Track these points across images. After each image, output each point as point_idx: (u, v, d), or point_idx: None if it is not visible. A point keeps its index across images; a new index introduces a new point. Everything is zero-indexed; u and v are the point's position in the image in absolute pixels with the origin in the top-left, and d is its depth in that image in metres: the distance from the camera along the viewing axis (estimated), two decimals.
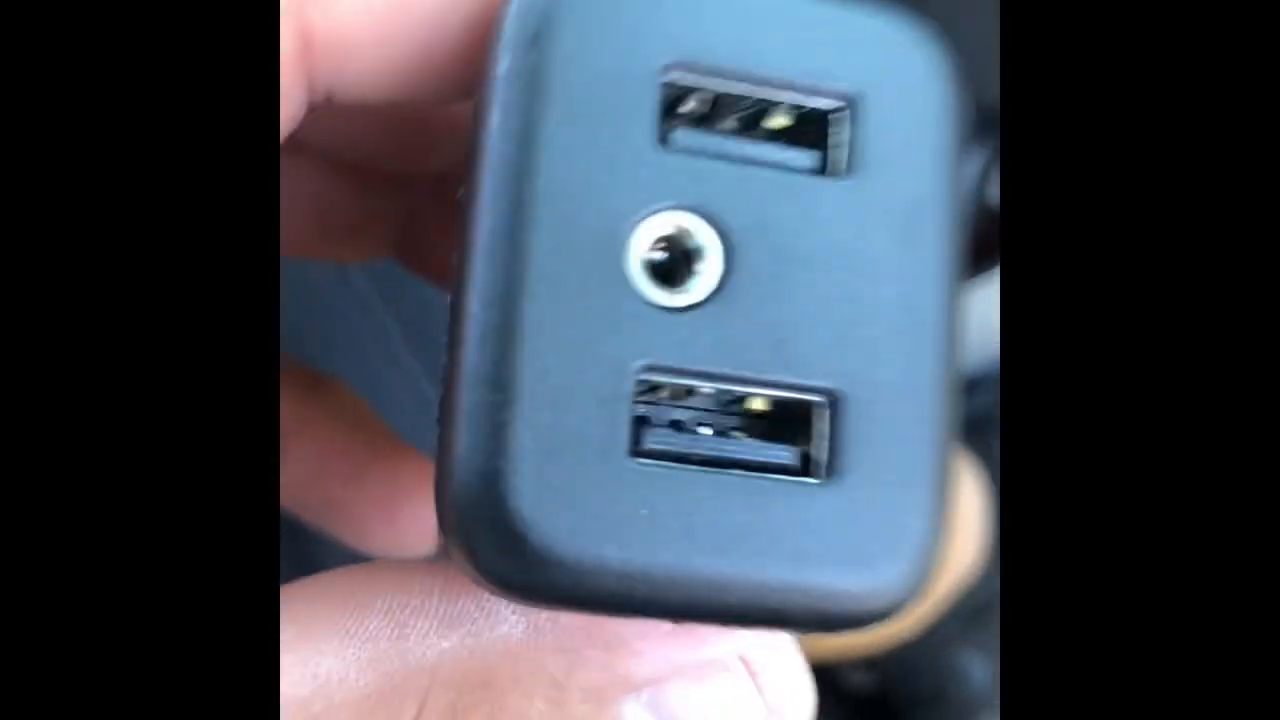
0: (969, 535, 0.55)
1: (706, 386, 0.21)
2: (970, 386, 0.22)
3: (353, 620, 0.22)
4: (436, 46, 0.23)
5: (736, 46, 0.21)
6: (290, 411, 0.33)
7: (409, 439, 0.35)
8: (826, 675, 0.24)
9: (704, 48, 0.21)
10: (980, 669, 0.50)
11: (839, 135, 0.21)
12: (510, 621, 0.22)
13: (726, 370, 0.20)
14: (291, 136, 0.24)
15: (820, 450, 0.21)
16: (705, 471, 0.20)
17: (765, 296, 0.20)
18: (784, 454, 0.21)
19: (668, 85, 0.21)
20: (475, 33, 0.22)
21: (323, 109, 0.24)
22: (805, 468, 0.21)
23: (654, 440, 0.20)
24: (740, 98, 0.21)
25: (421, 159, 0.30)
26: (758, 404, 0.21)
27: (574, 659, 0.22)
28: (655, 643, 0.22)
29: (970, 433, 0.22)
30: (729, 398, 0.21)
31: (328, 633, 0.22)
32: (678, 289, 0.20)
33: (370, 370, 0.43)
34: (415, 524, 0.34)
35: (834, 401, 0.21)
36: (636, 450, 0.20)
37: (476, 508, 0.20)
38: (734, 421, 0.21)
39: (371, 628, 0.22)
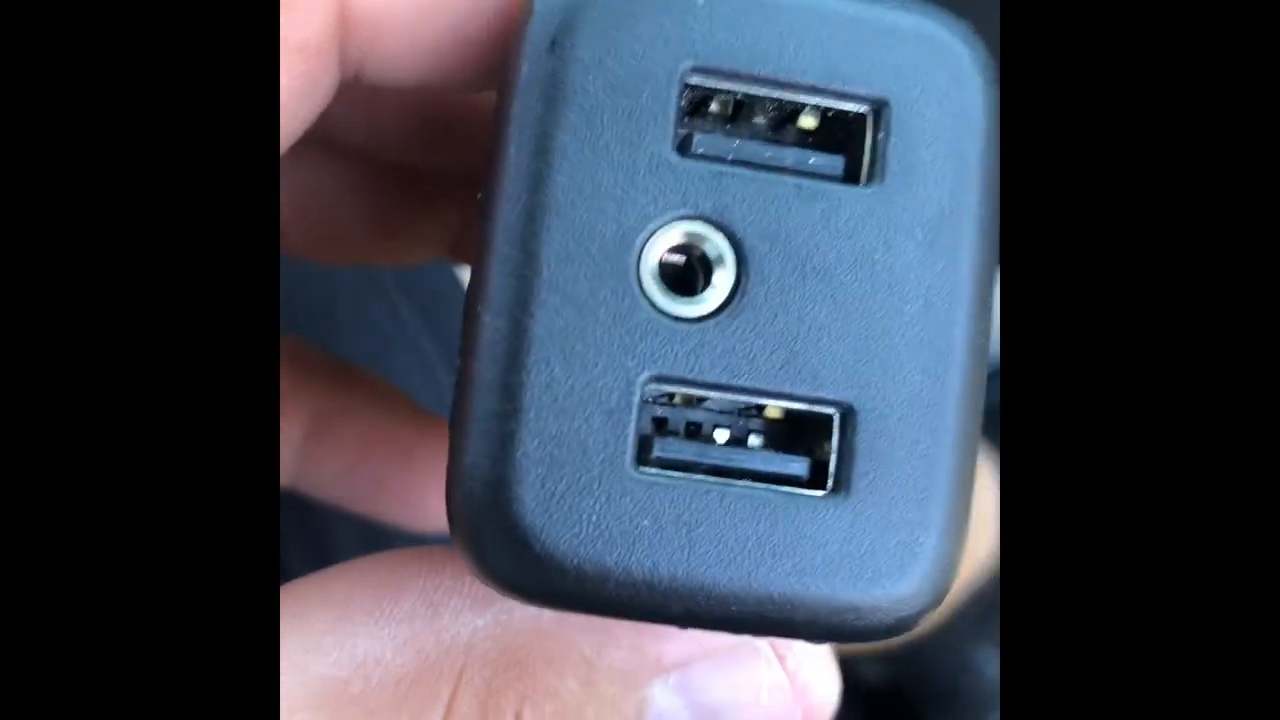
0: (984, 531, 0.54)
1: (715, 396, 0.21)
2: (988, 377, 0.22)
3: (389, 602, 0.22)
4: (469, 30, 0.23)
5: (760, 49, 0.20)
6: (325, 403, 0.33)
7: None
8: (841, 669, 0.24)
9: (726, 51, 0.20)
10: (994, 665, 0.50)
11: (865, 140, 0.21)
12: None
13: (735, 381, 0.20)
14: (331, 139, 0.24)
15: (831, 463, 0.20)
16: (712, 482, 0.20)
17: (780, 307, 0.20)
18: (795, 465, 0.21)
19: (689, 89, 0.20)
20: (507, 20, 0.22)
21: (353, 94, 0.24)
22: (816, 479, 0.21)
23: (662, 449, 0.20)
24: (764, 100, 0.21)
25: (458, 155, 0.30)
26: (773, 411, 0.21)
27: (604, 638, 0.23)
28: None
29: (988, 425, 0.22)
30: (745, 404, 0.21)
31: (365, 615, 0.22)
32: (690, 299, 0.20)
33: (390, 356, 0.43)
34: None
35: (846, 414, 0.20)
36: (643, 460, 0.20)
37: (483, 514, 0.20)
38: (751, 425, 0.21)
39: (407, 608, 0.22)
